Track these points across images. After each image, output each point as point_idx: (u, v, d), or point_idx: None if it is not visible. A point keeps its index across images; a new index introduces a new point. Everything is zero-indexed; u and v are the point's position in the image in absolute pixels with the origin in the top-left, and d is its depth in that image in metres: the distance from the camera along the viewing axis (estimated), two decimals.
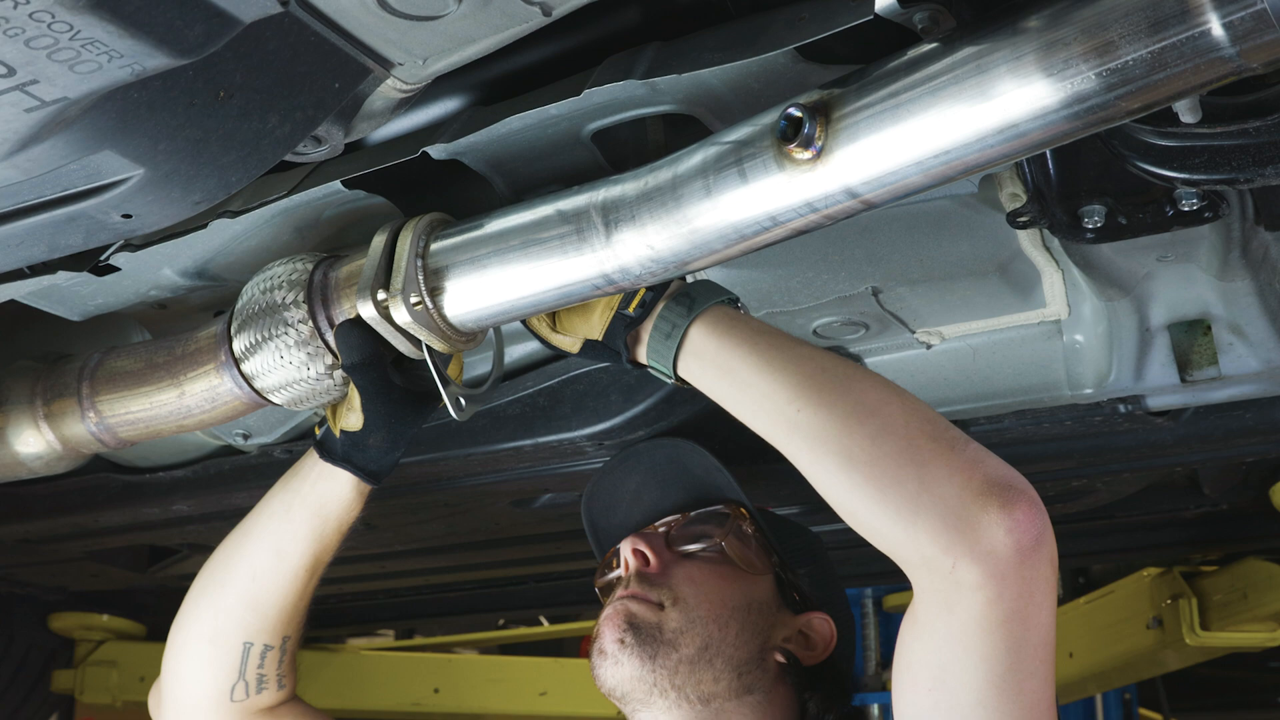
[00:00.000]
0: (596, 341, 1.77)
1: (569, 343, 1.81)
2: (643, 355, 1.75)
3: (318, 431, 1.95)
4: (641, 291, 1.71)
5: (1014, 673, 1.47)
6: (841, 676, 2.07)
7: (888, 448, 1.52)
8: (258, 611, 1.98)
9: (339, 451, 1.89)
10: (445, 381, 1.82)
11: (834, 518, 1.60)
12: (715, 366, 1.68)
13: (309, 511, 1.94)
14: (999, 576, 1.44)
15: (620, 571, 2.06)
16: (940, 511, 1.47)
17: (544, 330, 1.83)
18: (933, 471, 1.49)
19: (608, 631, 1.94)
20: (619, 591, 2.00)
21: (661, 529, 2.10)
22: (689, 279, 1.80)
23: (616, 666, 1.91)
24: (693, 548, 2.06)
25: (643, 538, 2.05)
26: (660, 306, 1.71)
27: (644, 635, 1.92)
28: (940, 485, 1.48)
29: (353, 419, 1.84)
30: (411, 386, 1.82)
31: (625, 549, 2.05)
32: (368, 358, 1.74)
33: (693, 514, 2.10)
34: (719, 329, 1.69)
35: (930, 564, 1.49)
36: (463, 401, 1.87)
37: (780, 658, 1.98)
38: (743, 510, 2.09)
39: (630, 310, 1.72)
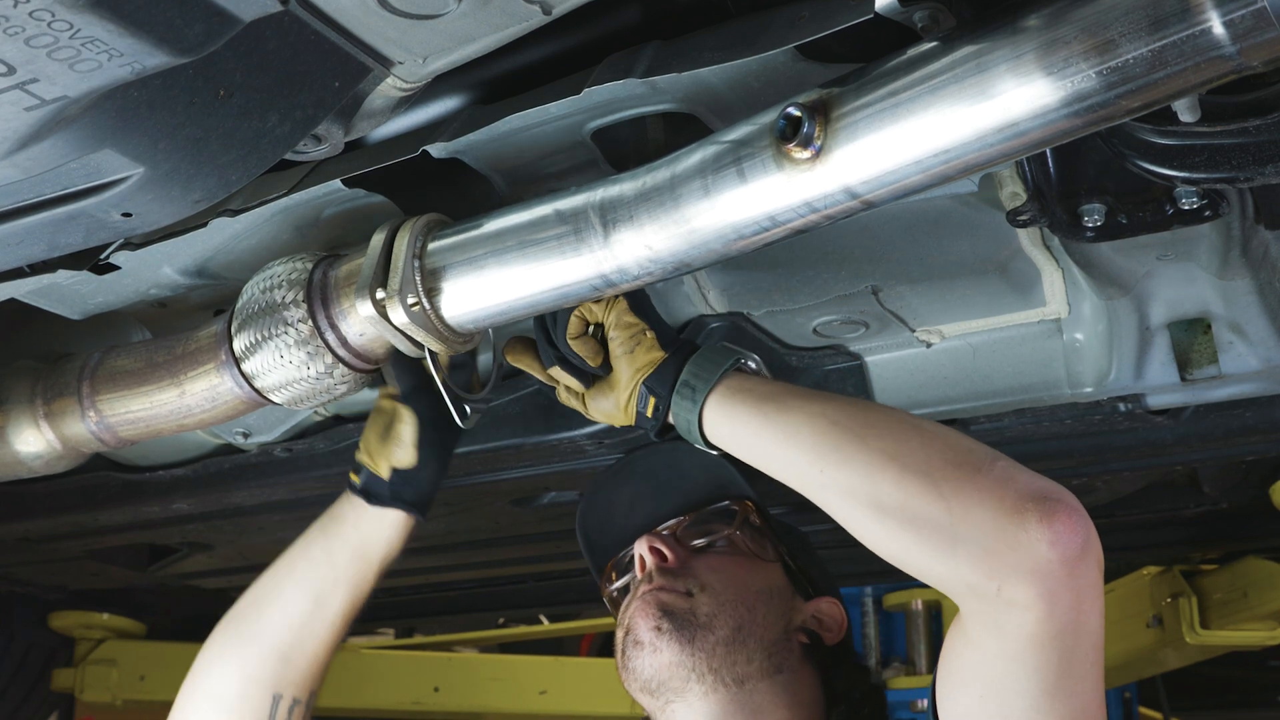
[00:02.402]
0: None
1: (606, 421, 1.89)
2: None
3: (355, 479, 1.97)
4: (652, 401, 1.77)
5: (1066, 678, 1.47)
6: (859, 658, 2.10)
7: (913, 489, 1.52)
8: (290, 663, 1.98)
9: (387, 492, 1.92)
10: (448, 387, 1.82)
11: (823, 518, 1.61)
12: (736, 442, 1.73)
13: (351, 554, 1.97)
14: (1049, 593, 1.43)
15: (633, 574, 2.06)
16: (977, 538, 1.46)
17: (577, 407, 1.90)
18: (962, 501, 1.48)
19: (642, 621, 1.92)
20: (642, 587, 1.99)
21: (665, 532, 2.09)
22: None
23: (655, 654, 1.90)
24: (703, 542, 2.06)
25: (655, 537, 2.05)
26: (671, 405, 1.76)
27: (680, 620, 1.91)
28: (972, 512, 1.47)
29: (402, 454, 1.86)
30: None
31: (640, 548, 2.04)
32: (422, 382, 1.74)
33: (697, 514, 2.10)
34: (725, 410, 1.72)
35: (976, 590, 1.48)
36: (467, 409, 1.88)
37: (804, 638, 2.00)
38: (748, 504, 2.10)
39: (650, 414, 1.78)
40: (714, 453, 1.77)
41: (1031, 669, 1.47)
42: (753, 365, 1.79)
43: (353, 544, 1.97)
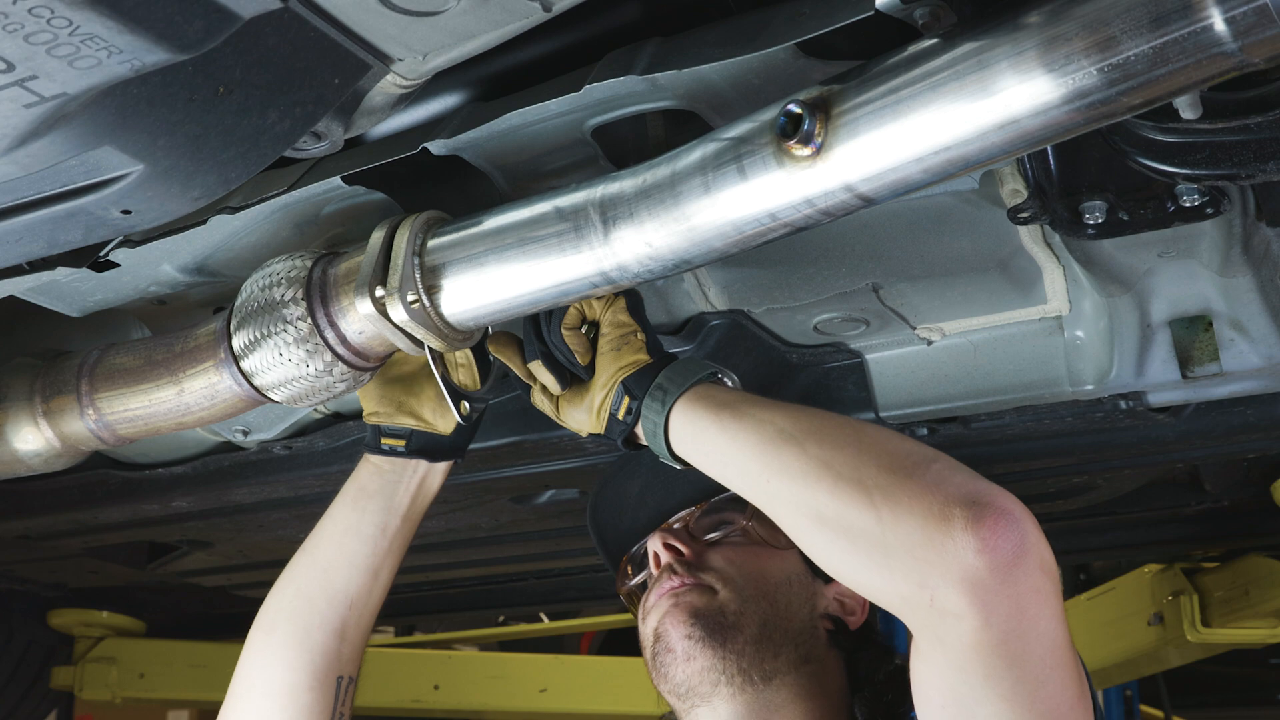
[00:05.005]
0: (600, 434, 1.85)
1: (575, 428, 1.89)
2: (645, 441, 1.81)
3: (396, 443, 1.99)
4: (627, 400, 1.77)
5: (1024, 684, 1.43)
6: (883, 637, 2.09)
7: (846, 498, 1.50)
8: (348, 640, 2.00)
9: (449, 444, 1.97)
10: (448, 384, 1.82)
11: None
12: (696, 452, 1.72)
13: (403, 520, 2.01)
14: (981, 602, 1.39)
15: (649, 571, 2.05)
16: (907, 546, 1.43)
17: (549, 411, 1.90)
18: (891, 508, 1.45)
19: (673, 629, 1.92)
20: (664, 585, 1.98)
21: (677, 525, 2.08)
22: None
23: (689, 662, 1.90)
24: (716, 535, 2.05)
25: (667, 532, 2.04)
26: (642, 408, 1.76)
27: (711, 624, 1.91)
28: (901, 521, 1.44)
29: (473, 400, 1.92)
30: None
31: (655, 544, 2.03)
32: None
33: (710, 503, 2.08)
34: (689, 416, 1.72)
35: (910, 602, 1.45)
36: (466, 405, 1.88)
37: (828, 624, 2.00)
38: None
39: (621, 416, 1.78)
40: (678, 466, 1.76)
41: (982, 678, 1.43)
42: (729, 382, 1.79)
43: (404, 510, 1.99)
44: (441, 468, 2.03)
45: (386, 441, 2.00)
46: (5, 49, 1.10)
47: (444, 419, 1.98)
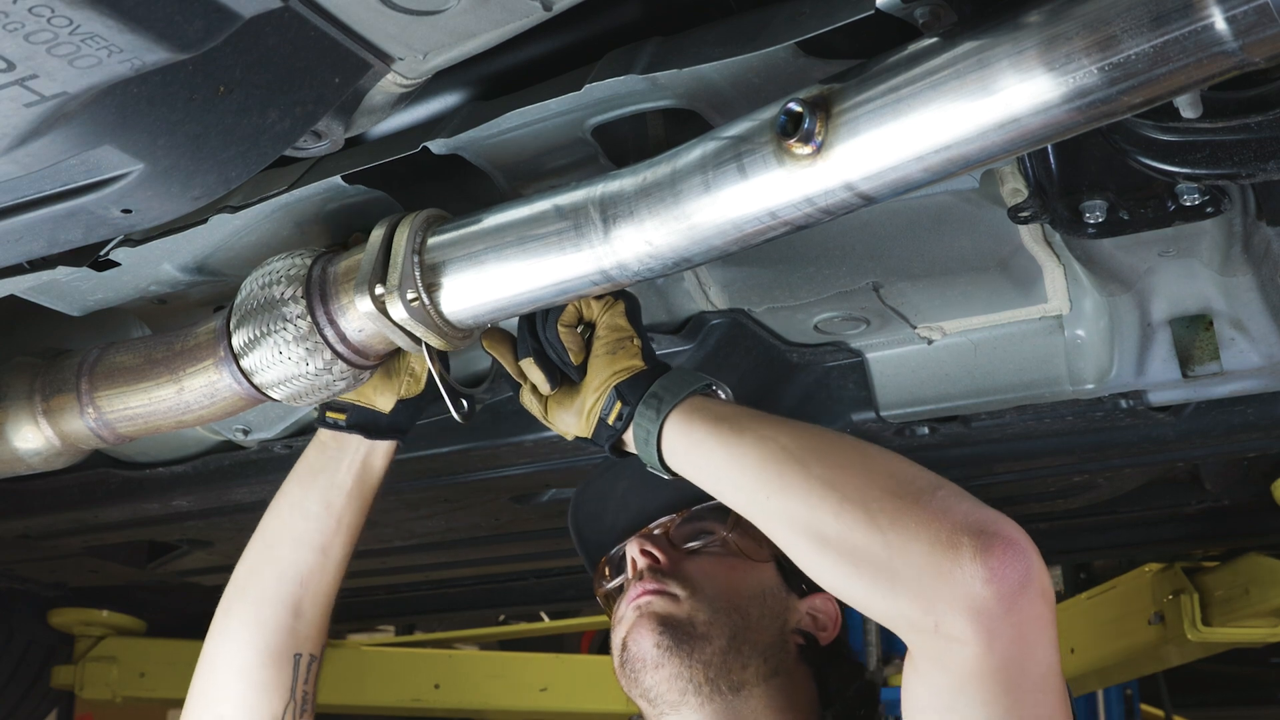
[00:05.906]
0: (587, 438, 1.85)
1: (562, 431, 1.89)
2: (632, 448, 1.80)
3: (337, 417, 2.00)
4: (619, 405, 1.77)
5: (1018, 708, 1.45)
6: (853, 653, 2.10)
7: (851, 520, 1.50)
8: (303, 616, 1.99)
9: (386, 423, 1.96)
10: (445, 382, 1.82)
11: None
12: (690, 464, 1.72)
13: (348, 497, 2.00)
14: (986, 630, 1.41)
15: (625, 575, 2.05)
16: (913, 572, 1.44)
17: (537, 411, 1.91)
18: (898, 534, 1.46)
19: (642, 637, 1.92)
20: (633, 590, 1.98)
21: (658, 530, 2.08)
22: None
23: (657, 670, 1.90)
24: (695, 544, 2.05)
25: (646, 538, 2.04)
26: (635, 415, 1.76)
27: (679, 633, 1.91)
28: (908, 546, 1.45)
29: (414, 385, 1.93)
30: None
31: (632, 549, 2.03)
32: None
33: (691, 511, 2.07)
34: (685, 427, 1.72)
35: (915, 625, 1.47)
36: (465, 404, 1.88)
37: (800, 639, 2.00)
38: None
39: (611, 421, 1.78)
40: (666, 476, 1.75)
41: (979, 702, 1.45)
42: (723, 394, 1.79)
43: (348, 487, 1.99)
44: (383, 448, 2.02)
45: (330, 415, 2.02)
46: (5, 48, 1.10)
47: (383, 397, 1.98)
